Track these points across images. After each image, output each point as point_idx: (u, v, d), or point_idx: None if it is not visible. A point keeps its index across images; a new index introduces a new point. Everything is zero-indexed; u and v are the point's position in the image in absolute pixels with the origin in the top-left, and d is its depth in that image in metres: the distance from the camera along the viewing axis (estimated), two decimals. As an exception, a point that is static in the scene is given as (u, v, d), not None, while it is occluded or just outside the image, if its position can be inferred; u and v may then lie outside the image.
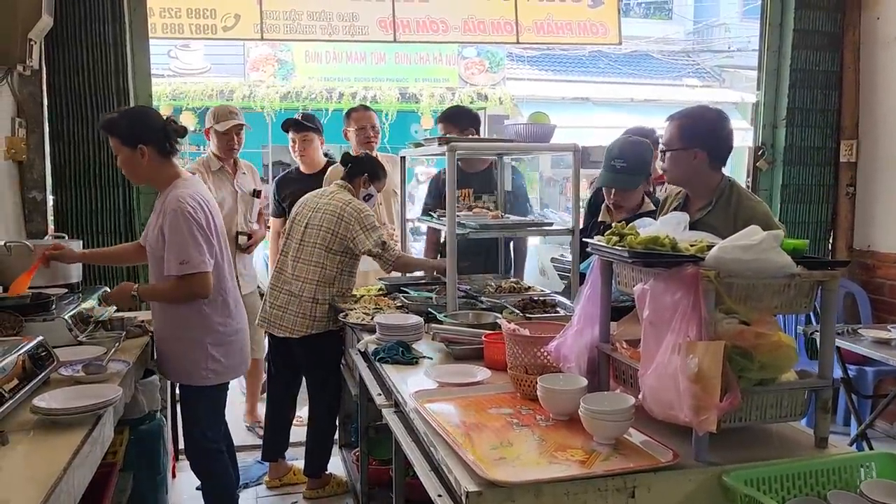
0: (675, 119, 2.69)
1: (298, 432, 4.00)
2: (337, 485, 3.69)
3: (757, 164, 4.87)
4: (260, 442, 3.91)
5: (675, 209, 2.70)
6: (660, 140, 3.46)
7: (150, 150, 2.81)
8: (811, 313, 3.80)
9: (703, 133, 2.63)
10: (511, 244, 4.16)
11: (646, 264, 1.75)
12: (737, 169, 7.27)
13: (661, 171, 3.02)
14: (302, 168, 4.48)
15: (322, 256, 3.38)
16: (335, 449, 3.78)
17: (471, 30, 5.14)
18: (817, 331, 3.69)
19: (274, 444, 3.78)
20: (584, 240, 2.47)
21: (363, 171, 3.59)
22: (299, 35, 4.93)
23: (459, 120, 4.11)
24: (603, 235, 1.98)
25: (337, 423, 3.77)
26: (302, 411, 4.17)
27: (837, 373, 3.87)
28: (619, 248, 1.82)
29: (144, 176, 2.91)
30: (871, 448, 3.74)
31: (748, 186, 4.75)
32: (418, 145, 3.68)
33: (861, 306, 4.61)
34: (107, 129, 2.83)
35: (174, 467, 3.82)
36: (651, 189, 3.43)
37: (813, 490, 1.63)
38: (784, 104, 4.80)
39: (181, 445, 3.89)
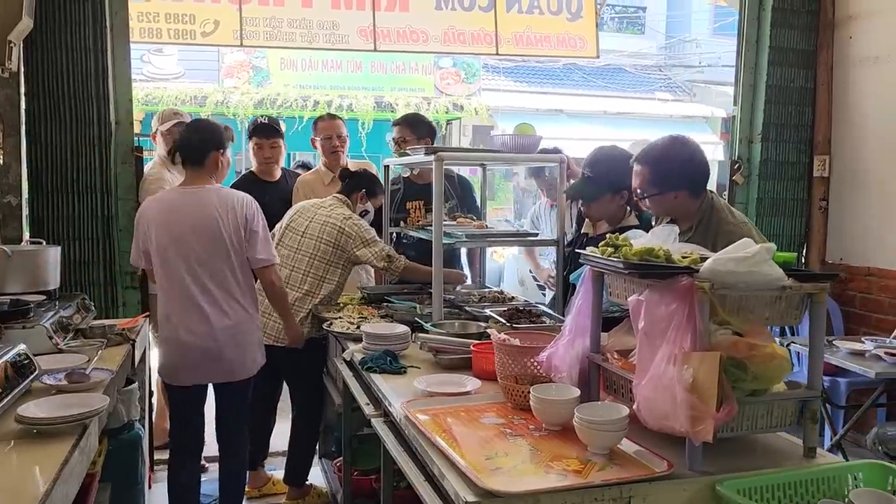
0: (646, 164, 2.56)
1: (278, 443, 3.96)
2: (317, 495, 3.65)
3: (733, 177, 4.94)
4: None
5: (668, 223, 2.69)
6: (563, 158, 3.43)
7: None
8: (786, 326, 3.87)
9: (676, 175, 2.53)
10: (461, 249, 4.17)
11: (641, 275, 1.76)
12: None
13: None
14: (261, 174, 4.24)
15: (322, 269, 3.40)
16: (314, 459, 3.75)
17: (451, 40, 5.17)
18: (793, 342, 3.83)
19: (252, 451, 3.73)
20: (576, 250, 2.45)
21: (361, 187, 3.60)
22: (279, 42, 4.89)
23: (418, 127, 4.08)
24: (584, 248, 1.99)
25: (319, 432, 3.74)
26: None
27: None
28: (614, 260, 1.83)
29: None
30: (845, 457, 3.80)
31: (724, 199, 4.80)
32: (403, 154, 3.68)
33: (833, 318, 4.68)
34: None
35: (150, 477, 3.75)
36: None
37: (803, 499, 1.65)
38: (760, 119, 4.86)
39: (157, 456, 3.86)
